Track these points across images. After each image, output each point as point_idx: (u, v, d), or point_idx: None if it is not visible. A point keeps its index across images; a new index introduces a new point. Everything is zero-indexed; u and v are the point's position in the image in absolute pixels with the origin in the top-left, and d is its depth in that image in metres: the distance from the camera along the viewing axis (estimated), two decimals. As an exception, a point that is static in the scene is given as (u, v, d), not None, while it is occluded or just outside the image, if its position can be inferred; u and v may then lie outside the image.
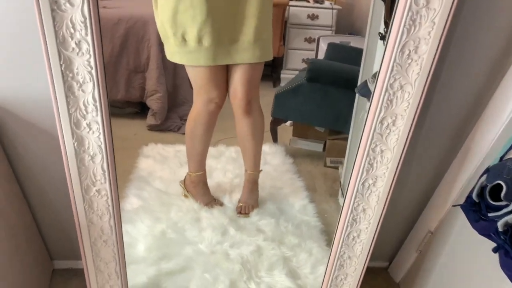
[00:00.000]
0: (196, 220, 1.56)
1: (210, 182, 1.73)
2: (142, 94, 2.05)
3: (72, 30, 0.71)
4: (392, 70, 0.84)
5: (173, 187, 1.72)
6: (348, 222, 1.05)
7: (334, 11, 2.08)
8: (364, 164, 0.97)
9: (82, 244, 0.93)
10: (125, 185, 1.70)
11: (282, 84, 2.20)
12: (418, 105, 0.86)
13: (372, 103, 0.90)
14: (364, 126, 0.94)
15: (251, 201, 1.61)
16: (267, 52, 1.31)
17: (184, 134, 2.08)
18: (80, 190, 0.86)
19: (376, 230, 1.05)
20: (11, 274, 1.05)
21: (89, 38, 0.72)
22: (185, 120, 2.18)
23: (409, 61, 0.82)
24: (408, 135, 0.90)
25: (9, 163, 1.06)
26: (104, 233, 0.93)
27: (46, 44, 0.71)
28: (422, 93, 0.84)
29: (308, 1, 2.11)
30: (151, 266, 1.34)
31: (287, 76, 2.23)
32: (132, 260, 1.34)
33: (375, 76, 1.22)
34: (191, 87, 2.23)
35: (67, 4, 0.70)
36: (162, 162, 1.90)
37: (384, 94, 0.87)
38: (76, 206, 0.88)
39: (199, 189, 1.63)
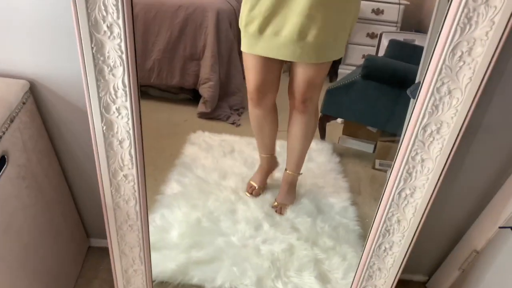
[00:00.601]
0: (231, 212, 1.56)
1: (252, 174, 1.72)
2: (195, 81, 2.08)
3: (104, 13, 0.72)
4: (440, 73, 0.75)
5: (214, 175, 1.73)
6: (380, 232, 0.98)
7: (401, 6, 1.95)
8: (402, 173, 0.89)
9: (108, 227, 0.96)
10: (169, 169, 1.75)
11: (339, 79, 2.14)
12: (468, 113, 0.76)
13: (415, 107, 0.82)
14: (405, 131, 0.86)
15: (286, 202, 1.58)
16: (327, 54, 1.26)
17: (232, 124, 2.12)
18: (108, 174, 0.88)
19: (410, 244, 0.97)
20: (48, 247, 1.11)
21: (120, 21, 0.72)
22: (235, 110, 2.19)
23: (461, 63, 0.73)
24: (453, 145, 0.81)
25: (49, 139, 1.11)
26: (130, 218, 0.94)
27: (79, 26, 0.72)
28: (473, 100, 0.75)
29: (375, -5, 1.99)
30: (181, 253, 1.35)
31: (345, 71, 2.14)
32: (165, 245, 1.37)
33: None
34: (244, 78, 2.24)
35: (101, -13, 0.70)
36: (207, 150, 1.92)
37: (430, 99, 0.78)
38: (103, 189, 0.90)
39: (261, 169, 1.68)
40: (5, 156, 0.89)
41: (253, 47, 1.25)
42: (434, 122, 0.81)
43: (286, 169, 1.59)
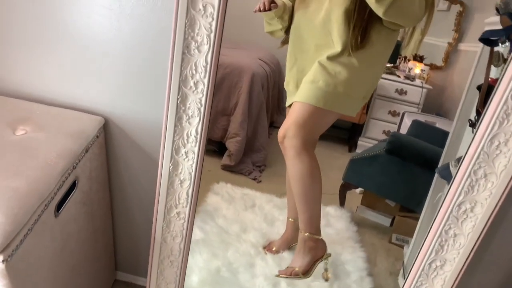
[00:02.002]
0: (250, 265, 1.58)
1: (271, 230, 1.76)
2: (223, 135, 2.18)
3: (194, 72, 0.84)
4: (478, 157, 0.84)
5: (234, 227, 1.76)
6: (407, 301, 1.01)
7: (424, 90, 2.05)
8: (435, 244, 0.95)
9: (151, 259, 1.01)
10: (192, 215, 1.79)
11: (359, 151, 2.21)
12: (501, 197, 0.85)
13: (452, 185, 0.90)
14: (441, 205, 0.93)
15: (296, 265, 1.48)
16: (320, 98, 1.21)
17: (254, 179, 2.18)
18: (164, 209, 0.96)
19: (437, 317, 1.00)
20: (85, 272, 1.16)
21: (205, 80, 0.85)
22: (257, 166, 2.27)
23: (498, 152, 0.83)
24: (486, 224, 0.88)
25: (107, 172, 1.21)
26: (173, 254, 1.00)
27: (171, 79, 0.84)
28: (507, 185, 0.83)
29: (399, 76, 2.12)
30: (201, 300, 1.37)
31: (364, 143, 2.22)
32: (184, 289, 1.39)
33: (459, 160, 1.21)
34: (269, 137, 2.34)
35: (196, 50, 0.83)
36: (229, 201, 1.96)
37: (467, 179, 0.87)
38: (156, 223, 0.97)
39: (284, 235, 1.65)
40: (76, 182, 0.98)
41: (288, 102, 1.37)
42: (469, 201, 0.89)
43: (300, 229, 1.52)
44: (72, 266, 1.03)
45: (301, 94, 1.24)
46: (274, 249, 1.66)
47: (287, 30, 1.32)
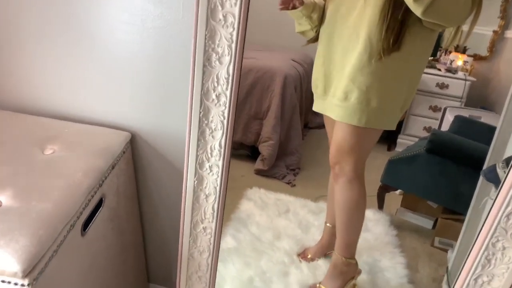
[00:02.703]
0: (284, 274, 1.54)
1: (306, 237, 1.71)
2: (256, 139, 2.17)
3: (215, 84, 0.82)
4: (529, 165, 0.76)
5: (268, 235, 1.74)
6: (453, 319, 0.94)
7: (467, 82, 1.95)
8: (481, 259, 0.87)
9: (179, 275, 1.00)
10: (225, 223, 1.78)
11: (398, 149, 2.13)
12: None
13: (500, 194, 0.82)
14: (487, 217, 0.85)
15: (328, 286, 1.43)
16: (354, 116, 1.15)
17: (288, 183, 2.15)
18: (190, 225, 0.94)
19: (486, 337, 0.92)
20: (116, 286, 1.16)
21: (228, 92, 0.82)
22: (291, 169, 2.24)
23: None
24: (540, 238, 0.79)
25: (136, 186, 1.21)
26: (200, 269, 0.98)
27: (192, 93, 0.82)
28: None
29: (439, 70, 2.02)
30: (234, 311, 1.35)
31: (404, 141, 2.14)
32: (218, 301, 1.38)
33: (507, 161, 1.12)
34: (303, 139, 2.30)
35: (217, 62, 0.80)
36: (262, 207, 1.94)
37: (516, 188, 0.79)
38: (182, 238, 0.95)
39: (320, 241, 1.62)
40: (103, 199, 0.99)
41: (315, 106, 1.32)
42: (520, 211, 0.80)
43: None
44: (101, 283, 1.03)
45: (336, 112, 1.19)
46: (309, 256, 1.62)
47: (317, 30, 1.26)
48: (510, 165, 0.81)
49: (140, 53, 1.04)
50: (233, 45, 0.77)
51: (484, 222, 0.86)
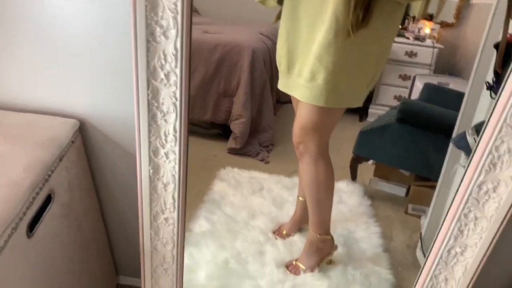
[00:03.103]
0: (260, 253, 1.52)
1: (281, 213, 1.69)
2: (227, 117, 2.11)
3: (163, 62, 0.73)
4: (500, 131, 0.73)
5: (242, 214, 1.71)
6: (426, 291, 0.93)
7: (435, 50, 1.95)
8: (453, 230, 0.85)
9: (143, 269, 0.94)
10: (198, 206, 1.73)
11: (370, 119, 2.13)
12: (530, 174, 0.73)
13: (471, 163, 0.79)
14: (459, 187, 0.83)
15: (303, 264, 1.43)
16: (321, 97, 1.11)
17: (261, 160, 2.11)
18: (149, 216, 0.87)
19: (459, 306, 0.92)
20: (80, 285, 1.10)
21: (178, 70, 0.74)
22: (265, 146, 2.20)
23: (523, 122, 0.71)
24: (512, 206, 0.77)
25: (92, 178, 1.13)
26: (166, 262, 0.93)
27: (137, 73, 0.73)
28: (536, 161, 0.72)
29: (408, 38, 2.01)
30: (209, 296, 1.32)
31: (376, 111, 2.15)
32: (192, 286, 1.34)
33: (476, 128, 1.10)
34: (275, 114, 2.25)
35: (162, 37, 0.72)
36: (236, 187, 1.91)
37: (487, 156, 0.76)
38: (143, 231, 0.89)
39: (293, 216, 1.62)
40: (51, 195, 0.90)
41: (280, 84, 1.27)
42: (491, 180, 0.78)
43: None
44: (62, 283, 0.96)
45: (301, 93, 1.14)
46: (284, 232, 1.62)
47: (280, 1, 1.18)
48: (480, 134, 0.78)
49: (78, 31, 0.94)
50: (179, 17, 0.69)
51: (456, 193, 0.84)
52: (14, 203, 0.75)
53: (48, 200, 0.89)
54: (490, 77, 1.10)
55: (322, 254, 1.44)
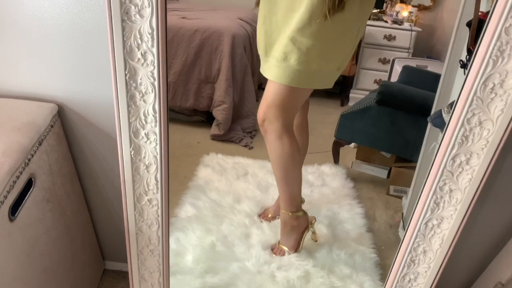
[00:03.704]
0: (246, 236, 1.54)
1: (266, 197, 1.71)
2: (209, 104, 2.11)
3: (139, 41, 0.73)
4: (471, 104, 0.75)
5: (228, 199, 1.72)
6: (405, 262, 0.96)
7: (413, 33, 1.98)
8: (430, 203, 0.88)
9: (129, 251, 0.95)
10: (183, 192, 1.74)
11: (351, 104, 2.15)
12: (499, 145, 0.76)
13: (444, 137, 0.82)
14: (434, 161, 0.85)
15: (284, 245, 1.46)
16: (293, 77, 1.13)
17: (245, 146, 2.12)
18: (133, 198, 0.88)
19: (436, 276, 0.95)
20: (65, 270, 1.10)
21: (154, 49, 0.73)
22: (248, 132, 2.21)
23: (492, 95, 0.73)
24: (483, 176, 0.80)
25: (73, 163, 1.12)
26: (151, 243, 0.94)
27: (114, 53, 0.73)
28: (505, 132, 0.74)
29: (386, 22, 2.03)
30: (196, 278, 1.33)
31: (357, 96, 2.17)
32: (179, 270, 1.35)
33: (451, 106, 1.13)
34: (257, 101, 2.25)
35: (137, 16, 0.71)
36: (220, 173, 1.92)
37: (460, 129, 0.78)
38: (127, 213, 0.89)
39: (278, 199, 1.59)
40: (32, 179, 0.90)
41: (261, 68, 1.28)
42: (464, 153, 0.80)
43: None
44: (47, 267, 0.96)
45: (273, 72, 1.15)
46: (269, 216, 1.63)
47: None
48: (452, 108, 0.80)
49: (51, 11, 0.93)
50: (154, -5, 0.68)
51: (431, 166, 0.86)
52: (-6, 186, 0.75)
53: (29, 184, 0.89)
54: (464, 55, 1.13)
55: (299, 230, 1.46)
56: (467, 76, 0.74)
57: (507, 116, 0.74)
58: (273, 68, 1.15)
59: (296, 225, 1.45)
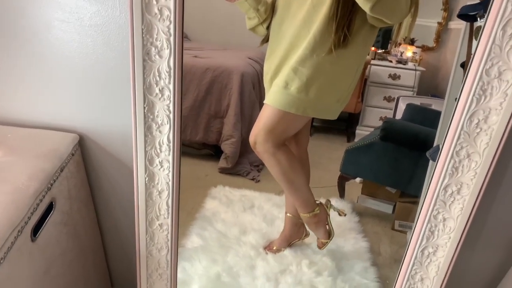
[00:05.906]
0: (251, 267, 1.56)
1: (271, 230, 1.74)
2: (218, 138, 2.17)
3: (158, 78, 0.82)
4: (459, 138, 0.82)
5: (234, 230, 1.75)
6: (404, 291, 0.99)
7: (418, 72, 2.03)
8: (425, 231, 0.92)
9: (139, 274, 0.99)
10: (190, 223, 1.77)
11: (357, 140, 2.18)
12: (486, 176, 0.81)
13: (436, 169, 0.88)
14: (427, 191, 0.90)
15: (320, 237, 1.56)
16: (293, 104, 1.19)
17: (252, 179, 2.16)
18: (145, 222, 0.94)
19: (435, 304, 0.98)
20: (77, 291, 1.14)
21: (171, 86, 0.82)
22: (255, 166, 2.25)
23: (478, 130, 0.80)
24: (474, 205, 0.85)
25: (90, 190, 1.20)
26: (160, 267, 0.98)
27: (135, 89, 0.82)
28: (491, 164, 0.80)
29: (391, 61, 2.09)
30: (202, 308, 1.35)
31: (363, 132, 2.19)
32: (185, 299, 1.38)
33: (448, 141, 1.18)
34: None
35: (157, 56, 0.81)
36: (227, 204, 1.95)
37: (450, 161, 0.84)
38: (139, 237, 0.95)
39: (282, 233, 1.68)
40: (53, 203, 0.97)
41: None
42: (455, 183, 0.86)
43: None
44: (59, 288, 1.01)
45: (272, 98, 1.22)
46: (274, 248, 1.65)
47: (269, 26, 1.29)
48: (442, 142, 0.87)
49: (79, 51, 1.03)
50: (172, 38, 0.78)
51: (425, 196, 0.91)
52: (20, 208, 0.82)
53: (50, 207, 0.96)
54: (459, 94, 1.19)
55: (323, 222, 1.54)
56: (454, 112, 0.81)
57: (492, 149, 0.80)
58: (273, 93, 1.22)
59: (317, 220, 1.51)
